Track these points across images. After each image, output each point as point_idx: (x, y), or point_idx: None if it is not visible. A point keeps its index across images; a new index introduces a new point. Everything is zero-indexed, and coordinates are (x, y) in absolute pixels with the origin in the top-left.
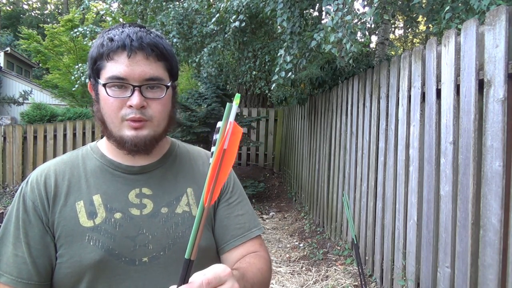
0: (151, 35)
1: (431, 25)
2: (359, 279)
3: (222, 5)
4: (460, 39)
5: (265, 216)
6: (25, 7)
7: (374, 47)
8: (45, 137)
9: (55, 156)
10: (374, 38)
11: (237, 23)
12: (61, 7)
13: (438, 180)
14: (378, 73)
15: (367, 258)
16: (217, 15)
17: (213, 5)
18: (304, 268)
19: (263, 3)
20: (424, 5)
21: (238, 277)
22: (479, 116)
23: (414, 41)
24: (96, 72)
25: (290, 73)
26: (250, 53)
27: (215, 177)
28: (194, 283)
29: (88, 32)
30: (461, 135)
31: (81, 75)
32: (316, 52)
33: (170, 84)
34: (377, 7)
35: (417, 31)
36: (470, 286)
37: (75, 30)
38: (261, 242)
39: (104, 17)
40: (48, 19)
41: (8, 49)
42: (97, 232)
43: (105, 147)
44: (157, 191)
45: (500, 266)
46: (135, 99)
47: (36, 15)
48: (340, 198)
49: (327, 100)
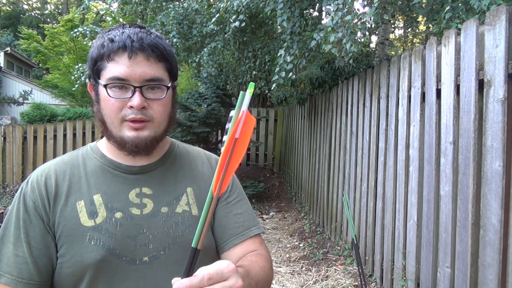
0: (151, 35)
1: (431, 25)
2: (359, 279)
3: (222, 5)
4: (460, 39)
5: (265, 216)
6: (25, 7)
7: (374, 47)
8: (45, 137)
9: (55, 156)
10: (374, 38)
11: (237, 23)
12: (61, 7)
13: (438, 180)
14: (378, 73)
15: (367, 258)
16: (217, 15)
17: (213, 5)
18: (304, 268)
19: (263, 3)
20: (424, 5)
21: (243, 274)
22: (479, 116)
23: (414, 41)
24: (96, 73)
25: (290, 73)
26: (250, 53)
27: (225, 166)
28: (196, 277)
29: (88, 32)
30: (461, 135)
31: (81, 75)
32: (316, 52)
33: (170, 85)
34: (377, 7)
35: (417, 31)
36: (470, 286)
37: (75, 30)
38: (260, 240)
39: (104, 17)
40: (48, 19)
41: (8, 49)
42: (98, 231)
43: (105, 147)
44: (157, 190)
45: (500, 266)
46: (136, 100)
47: (36, 15)
48: (340, 198)
49: (327, 100)
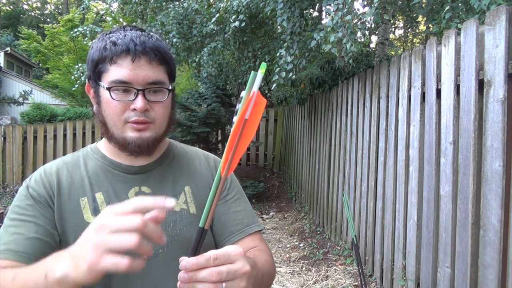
0: (153, 39)
1: (431, 25)
2: (359, 279)
3: (222, 5)
4: (460, 39)
5: (265, 216)
6: (25, 7)
7: (374, 47)
8: (45, 137)
9: (55, 156)
10: (374, 38)
11: (237, 23)
12: (61, 7)
13: (438, 180)
14: (378, 73)
15: (367, 258)
16: (217, 15)
17: (213, 5)
18: (304, 268)
19: (263, 3)
20: (424, 5)
21: (251, 263)
22: (479, 116)
23: (414, 41)
24: (97, 75)
25: (290, 73)
26: (250, 53)
27: (234, 147)
28: (203, 256)
29: (88, 32)
30: (461, 135)
31: (81, 75)
32: (316, 52)
33: (171, 88)
34: (377, 7)
35: (417, 31)
36: (470, 286)
37: (75, 30)
38: (260, 237)
39: (104, 17)
40: (48, 19)
41: (8, 49)
42: None
43: (104, 148)
44: (155, 189)
45: (500, 266)
46: (139, 102)
47: (36, 15)
48: (340, 198)
49: (327, 100)
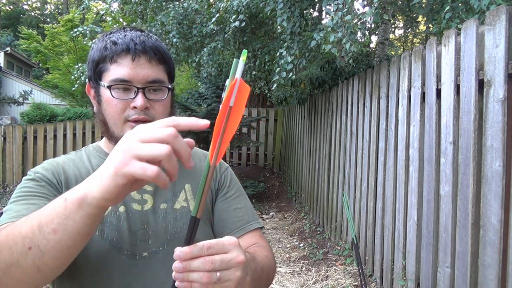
0: (152, 39)
1: (431, 25)
2: (359, 279)
3: (222, 5)
4: (460, 39)
5: (265, 216)
6: (25, 7)
7: (374, 47)
8: (45, 137)
9: (55, 156)
10: (374, 38)
11: (237, 23)
12: (61, 7)
13: (438, 180)
14: (378, 73)
15: (367, 258)
16: (217, 15)
17: (213, 5)
18: (304, 268)
19: (263, 3)
20: (424, 5)
21: (249, 258)
22: (479, 116)
23: (414, 41)
24: (98, 74)
25: (291, 73)
26: (250, 53)
27: (220, 135)
28: (196, 246)
29: (88, 32)
30: (461, 135)
31: (81, 75)
32: (316, 52)
33: (171, 87)
34: (377, 7)
35: (417, 31)
36: (470, 286)
37: (75, 30)
38: (261, 235)
39: (104, 17)
40: (48, 19)
41: (8, 49)
42: (103, 223)
43: (106, 147)
44: (156, 187)
45: (500, 266)
46: (139, 100)
47: (36, 15)
48: (340, 198)
49: (327, 100)
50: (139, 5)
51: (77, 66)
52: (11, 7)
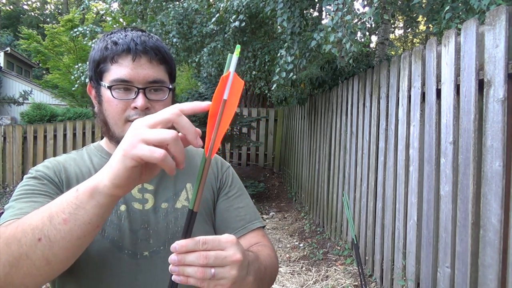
0: (153, 39)
1: (431, 25)
2: (359, 279)
3: (222, 5)
4: (460, 39)
5: (265, 216)
6: (25, 7)
7: (374, 47)
8: (45, 137)
9: (55, 156)
10: (374, 38)
11: (237, 23)
12: (61, 7)
13: (438, 180)
14: (378, 73)
15: (367, 258)
16: (217, 15)
17: (213, 5)
18: (304, 268)
19: (263, 3)
20: (424, 5)
21: (252, 257)
22: (479, 116)
23: (414, 41)
24: (99, 75)
25: (291, 73)
26: (250, 53)
27: (215, 128)
28: (192, 240)
29: (88, 32)
30: (461, 135)
31: (81, 75)
32: (316, 52)
33: (171, 87)
34: (377, 7)
35: (417, 31)
36: (470, 286)
37: (75, 30)
38: (263, 234)
39: (104, 17)
40: (48, 19)
41: (8, 49)
42: (104, 222)
43: (107, 146)
44: (158, 186)
45: (500, 266)
46: (140, 101)
47: (36, 15)
48: (340, 198)
49: (327, 100)
50: (139, 5)
51: (77, 66)
52: (11, 7)
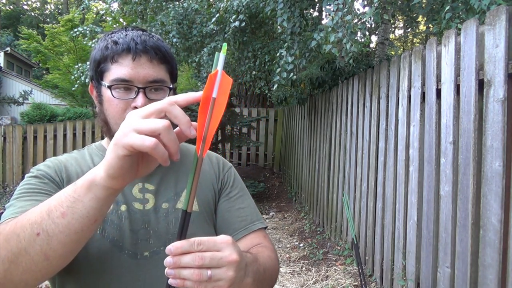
0: (154, 38)
1: (431, 25)
2: (359, 279)
3: (222, 5)
4: (460, 39)
5: (265, 216)
6: (25, 7)
7: (374, 47)
8: (45, 137)
9: (55, 156)
10: (374, 38)
11: (237, 23)
12: (61, 7)
13: (438, 180)
14: (378, 73)
15: (367, 258)
16: (217, 15)
17: (213, 5)
18: (304, 268)
19: (263, 3)
20: (424, 5)
21: (251, 259)
22: (479, 116)
23: (414, 41)
24: (99, 74)
25: (291, 73)
26: (250, 53)
27: (205, 126)
28: (188, 241)
29: (88, 32)
30: (461, 135)
31: (81, 75)
32: (316, 52)
33: (172, 87)
34: (377, 7)
35: (417, 31)
36: (470, 286)
37: (75, 30)
38: (264, 235)
39: (104, 17)
40: (48, 19)
41: (8, 49)
42: (104, 222)
43: (108, 146)
44: (158, 186)
45: (500, 266)
46: (140, 100)
47: (36, 15)
48: (340, 198)
49: (327, 100)
50: (139, 5)
51: (77, 66)
52: (11, 7)
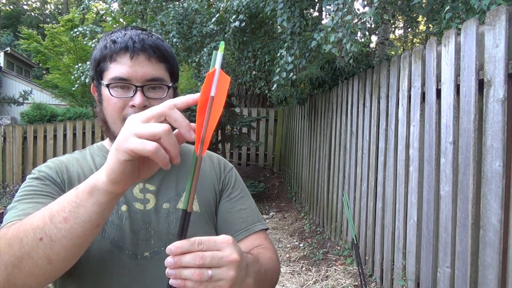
0: (153, 37)
1: (431, 25)
2: (359, 279)
3: (222, 5)
4: (460, 39)
5: (265, 216)
6: (25, 7)
7: (374, 47)
8: (45, 137)
9: (55, 156)
10: (374, 38)
11: (237, 23)
12: (61, 7)
13: (438, 180)
14: (378, 73)
15: (367, 258)
16: (217, 15)
17: (213, 5)
18: (304, 268)
19: (263, 3)
20: (424, 5)
21: (252, 260)
22: (479, 116)
23: (414, 41)
24: (99, 74)
25: (291, 73)
26: (250, 53)
27: (204, 125)
28: (188, 241)
29: (88, 32)
30: (461, 135)
31: (81, 75)
32: (316, 52)
33: (171, 85)
34: (377, 7)
35: (417, 31)
36: (470, 286)
37: (75, 30)
38: (265, 236)
39: (104, 17)
40: (48, 19)
41: (8, 49)
42: (105, 222)
43: (110, 146)
44: (159, 187)
45: (500, 266)
46: (138, 98)
47: (36, 15)
48: (340, 198)
49: (327, 100)
50: (139, 5)
51: (77, 66)
52: (11, 7)
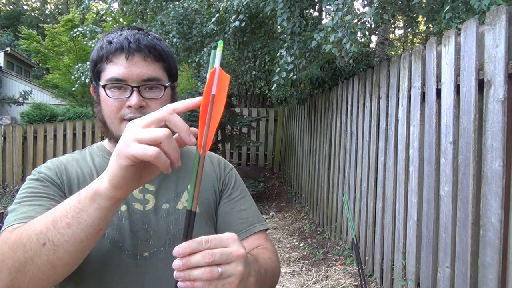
0: (149, 37)
1: (431, 25)
2: (359, 279)
3: (222, 5)
4: (460, 39)
5: (265, 216)
6: (25, 7)
7: (374, 47)
8: (45, 137)
9: (55, 156)
10: (374, 38)
11: (237, 23)
12: (61, 7)
13: (438, 180)
14: (378, 73)
15: (367, 258)
16: (217, 15)
17: (213, 5)
18: (304, 268)
19: (263, 3)
20: (424, 5)
21: (252, 259)
22: (479, 116)
23: (414, 41)
24: (96, 75)
25: (291, 73)
26: (250, 53)
27: (206, 124)
28: (195, 240)
29: (88, 32)
30: (461, 135)
31: (81, 75)
32: (316, 52)
33: (168, 84)
34: (377, 7)
35: (417, 31)
36: (470, 286)
37: (75, 30)
38: (265, 236)
39: (104, 17)
40: (48, 19)
41: (8, 49)
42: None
43: (109, 146)
44: (159, 187)
45: (500, 266)
46: (134, 99)
47: (36, 15)
48: (340, 198)
49: (327, 100)
50: (139, 5)
51: (77, 66)
52: (11, 7)
